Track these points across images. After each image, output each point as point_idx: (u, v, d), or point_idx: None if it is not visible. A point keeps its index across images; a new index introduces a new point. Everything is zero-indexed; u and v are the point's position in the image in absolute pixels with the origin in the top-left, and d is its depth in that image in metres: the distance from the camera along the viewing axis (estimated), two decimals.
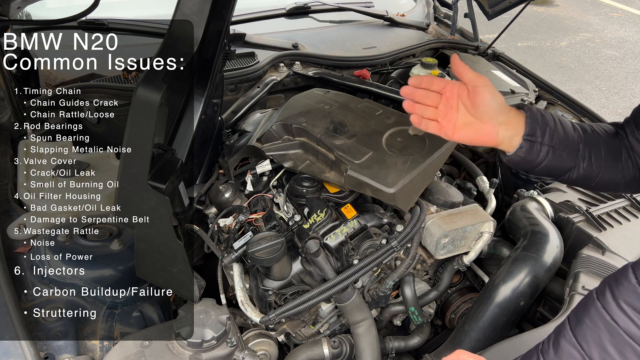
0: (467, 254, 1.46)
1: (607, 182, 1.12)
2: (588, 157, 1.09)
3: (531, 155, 1.05)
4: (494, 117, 1.04)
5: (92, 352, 1.16)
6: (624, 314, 0.75)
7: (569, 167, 1.09)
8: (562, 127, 1.08)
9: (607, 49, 6.50)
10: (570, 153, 1.08)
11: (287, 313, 1.28)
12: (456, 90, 1.07)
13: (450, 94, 1.07)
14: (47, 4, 2.33)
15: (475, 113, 1.05)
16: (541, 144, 1.05)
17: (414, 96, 1.11)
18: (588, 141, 1.10)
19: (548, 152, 1.06)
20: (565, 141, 1.07)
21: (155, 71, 1.02)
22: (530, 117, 1.06)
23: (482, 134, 1.05)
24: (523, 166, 1.09)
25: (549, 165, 1.07)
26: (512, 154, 1.06)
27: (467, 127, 1.06)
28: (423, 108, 1.10)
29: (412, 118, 1.11)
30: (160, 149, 1.29)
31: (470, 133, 1.06)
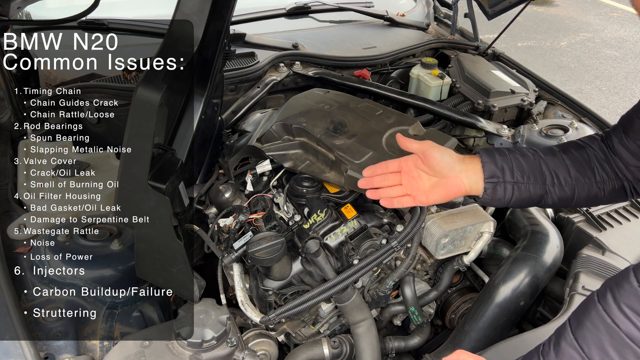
0: (467, 254, 1.46)
1: (586, 198, 1.16)
2: (557, 182, 1.13)
3: (497, 195, 1.12)
4: (452, 169, 1.13)
5: (92, 352, 1.16)
6: (624, 316, 0.75)
7: (540, 196, 1.14)
8: (522, 161, 1.13)
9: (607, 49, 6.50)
10: (536, 183, 1.13)
11: (287, 313, 1.28)
12: (411, 162, 1.16)
13: (408, 168, 1.17)
14: (47, 4, 2.33)
15: (436, 172, 1.14)
16: (504, 182, 1.12)
17: (372, 184, 1.20)
18: (552, 166, 1.14)
19: (513, 188, 1.12)
20: (527, 173, 1.12)
21: (155, 71, 1.02)
22: (486, 161, 1.12)
23: (450, 188, 1.14)
24: (495, 205, 1.16)
25: (519, 199, 1.13)
26: (481, 197, 1.13)
27: (435, 188, 1.15)
28: (388, 190, 1.19)
29: (382, 202, 1.20)
30: (160, 149, 1.29)
31: (441, 191, 1.15)
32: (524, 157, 1.14)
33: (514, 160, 1.13)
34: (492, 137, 1.97)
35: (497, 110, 2.06)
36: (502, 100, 2.08)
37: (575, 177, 1.13)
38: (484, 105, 2.07)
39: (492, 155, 1.13)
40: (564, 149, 1.17)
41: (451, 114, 1.97)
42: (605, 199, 1.16)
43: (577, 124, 1.92)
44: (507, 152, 1.15)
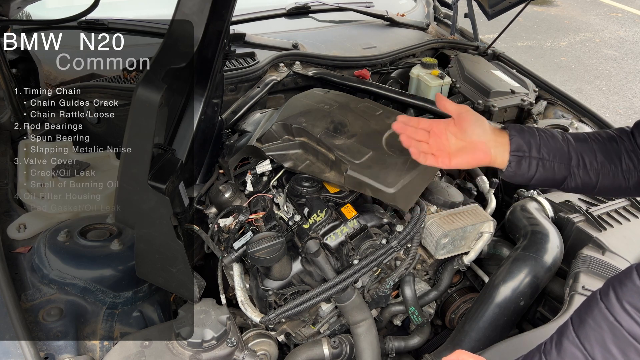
0: (467, 254, 1.46)
1: (609, 187, 1.14)
2: (582, 165, 1.12)
3: (521, 169, 1.12)
4: (482, 136, 1.12)
5: (92, 352, 1.16)
6: (627, 315, 0.75)
7: (564, 177, 1.13)
8: (549, 140, 1.13)
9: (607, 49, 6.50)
10: (562, 163, 1.12)
11: (287, 313, 1.28)
12: (443, 125, 1.16)
13: (438, 130, 1.16)
14: (47, 4, 2.33)
15: (465, 136, 1.13)
16: (530, 157, 1.11)
17: (405, 130, 1.20)
18: (580, 150, 1.13)
19: (538, 164, 1.11)
20: (554, 152, 1.12)
21: (155, 71, 1.02)
22: (514, 134, 1.12)
23: (476, 155, 1.13)
24: (518, 180, 1.15)
25: (543, 177, 1.13)
26: (505, 170, 1.13)
27: (461, 152, 1.14)
28: (418, 142, 1.18)
29: (411, 151, 1.19)
30: (160, 149, 1.29)
31: (465, 157, 1.14)
32: (552, 137, 1.13)
33: (542, 138, 1.12)
34: None
35: (497, 110, 2.06)
36: (502, 100, 2.08)
37: (602, 162, 1.12)
38: (484, 105, 2.07)
39: (520, 130, 1.13)
40: (593, 136, 1.16)
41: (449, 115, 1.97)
42: (630, 190, 1.15)
43: (577, 124, 1.92)
44: (536, 130, 1.14)
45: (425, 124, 1.18)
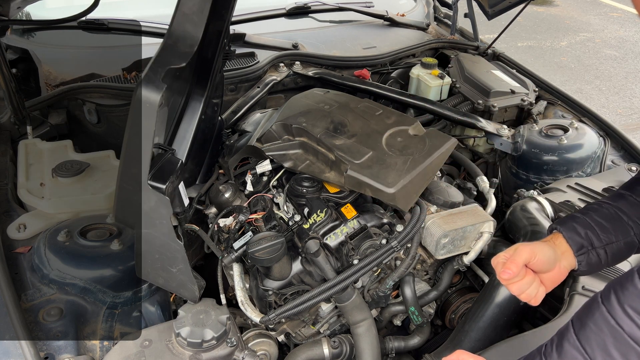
0: (467, 254, 1.46)
1: None
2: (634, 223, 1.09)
3: (593, 262, 1.08)
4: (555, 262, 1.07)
5: (92, 352, 1.16)
6: (628, 318, 0.75)
7: (634, 245, 1.09)
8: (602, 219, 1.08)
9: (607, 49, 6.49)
10: (626, 236, 1.08)
11: (287, 313, 1.28)
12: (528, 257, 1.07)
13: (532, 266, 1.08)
14: (47, 4, 2.33)
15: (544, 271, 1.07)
16: (594, 249, 1.07)
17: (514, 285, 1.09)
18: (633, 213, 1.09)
19: (605, 251, 1.08)
20: (613, 231, 1.08)
21: (155, 71, 1.02)
22: (568, 236, 1.07)
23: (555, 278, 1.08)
24: (597, 271, 1.11)
25: (615, 257, 1.09)
26: (579, 271, 1.09)
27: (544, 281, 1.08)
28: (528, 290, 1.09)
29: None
30: (160, 149, 1.29)
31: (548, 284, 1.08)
32: (602, 215, 1.10)
33: (594, 222, 1.09)
34: (492, 137, 1.97)
35: (497, 110, 2.06)
36: (502, 100, 2.08)
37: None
38: (484, 105, 2.07)
39: (571, 227, 1.09)
40: (631, 188, 1.13)
41: (451, 114, 1.97)
42: None
43: (577, 124, 1.92)
44: (583, 216, 1.10)
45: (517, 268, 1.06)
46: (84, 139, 1.97)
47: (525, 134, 1.90)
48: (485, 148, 2.10)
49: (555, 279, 1.09)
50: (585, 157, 1.83)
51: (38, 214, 1.43)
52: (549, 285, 1.09)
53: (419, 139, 1.46)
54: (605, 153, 1.89)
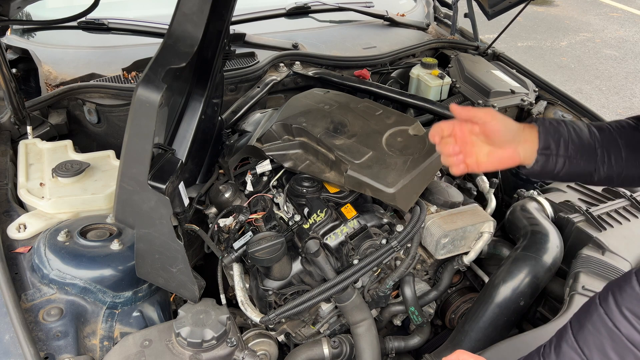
0: (467, 254, 1.46)
1: (631, 179, 1.13)
2: (607, 159, 1.10)
3: (548, 167, 1.08)
4: (511, 141, 1.07)
5: (92, 352, 1.16)
6: (626, 320, 0.75)
7: (589, 172, 1.10)
8: (578, 135, 1.09)
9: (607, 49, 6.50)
10: (588, 159, 1.09)
11: (287, 313, 1.28)
12: (466, 129, 1.09)
13: (462, 134, 1.10)
14: (47, 4, 2.33)
15: (494, 143, 1.08)
16: (557, 155, 1.07)
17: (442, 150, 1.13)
18: (606, 143, 1.10)
19: (565, 162, 1.08)
20: (581, 149, 1.08)
21: (155, 71, 1.02)
22: (543, 131, 1.07)
23: (504, 158, 1.08)
24: (543, 177, 1.11)
25: (568, 173, 1.09)
26: (530, 167, 1.08)
27: (489, 157, 1.09)
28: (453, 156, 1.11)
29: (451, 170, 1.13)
30: (160, 149, 1.29)
31: (494, 161, 1.09)
32: (580, 132, 1.09)
33: (570, 134, 1.08)
34: None
35: (497, 109, 2.06)
36: (502, 100, 2.08)
37: (626, 157, 1.10)
38: (484, 105, 2.07)
39: (549, 127, 1.08)
40: (617, 127, 1.13)
41: (451, 114, 1.97)
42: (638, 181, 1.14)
43: None
44: (565, 125, 1.10)
45: (448, 128, 1.11)
46: (84, 139, 1.97)
47: None
48: None
49: (503, 160, 1.08)
50: None
51: (38, 214, 1.43)
52: (491, 163, 1.09)
53: (419, 139, 1.46)
54: None
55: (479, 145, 1.10)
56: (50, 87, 1.95)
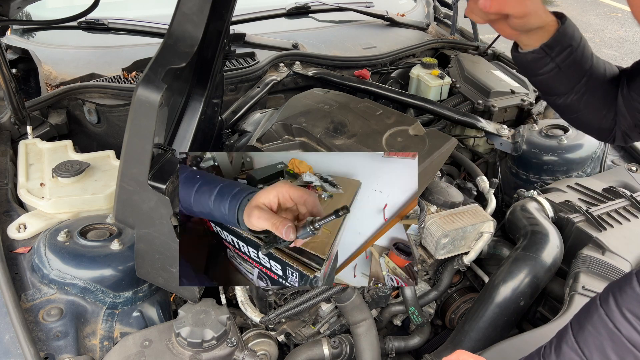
0: (467, 254, 1.46)
1: (583, 122, 1.16)
2: (582, 93, 1.10)
3: (537, 64, 1.06)
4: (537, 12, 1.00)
5: (92, 352, 1.16)
6: (626, 321, 0.75)
7: (560, 93, 1.11)
8: (581, 55, 1.07)
9: (607, 49, 6.50)
10: (570, 81, 1.09)
11: (287, 313, 1.28)
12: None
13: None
14: (47, 4, 2.33)
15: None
16: (552, 60, 1.05)
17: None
18: (593, 81, 1.10)
19: (552, 69, 1.06)
20: (573, 68, 1.07)
21: (155, 71, 1.02)
22: (559, 31, 1.03)
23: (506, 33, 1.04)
24: (526, 68, 1.10)
25: (545, 81, 1.09)
26: (523, 52, 1.06)
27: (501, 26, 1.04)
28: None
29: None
30: (160, 149, 1.29)
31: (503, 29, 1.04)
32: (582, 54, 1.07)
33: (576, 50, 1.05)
34: (492, 137, 1.97)
35: (497, 110, 2.06)
36: (502, 100, 2.08)
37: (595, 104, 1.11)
38: (484, 105, 2.07)
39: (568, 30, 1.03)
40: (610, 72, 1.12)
41: (451, 114, 1.97)
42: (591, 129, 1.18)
43: None
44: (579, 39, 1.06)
45: None
46: (84, 139, 1.97)
47: (525, 134, 1.90)
48: (485, 148, 2.10)
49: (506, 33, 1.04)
50: (585, 157, 1.83)
51: (38, 214, 1.43)
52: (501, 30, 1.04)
53: (419, 139, 1.46)
54: (605, 153, 1.89)
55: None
56: (50, 87, 1.95)
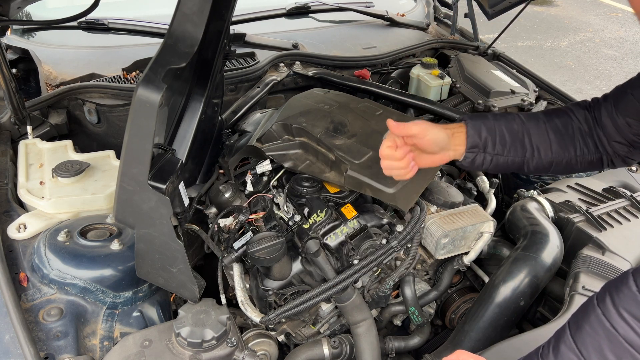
0: (467, 254, 1.46)
1: (562, 170, 1.22)
2: (537, 154, 1.18)
3: (476, 163, 1.18)
4: (442, 149, 1.17)
5: (92, 352, 1.16)
6: (623, 321, 0.75)
7: (518, 165, 1.19)
8: (507, 133, 1.17)
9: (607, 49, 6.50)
10: (516, 156, 1.18)
11: (287, 313, 1.28)
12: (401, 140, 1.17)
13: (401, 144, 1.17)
14: (47, 4, 2.33)
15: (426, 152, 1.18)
16: (484, 153, 1.17)
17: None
18: (535, 140, 1.17)
19: (492, 159, 1.17)
20: (509, 147, 1.17)
21: (155, 71, 1.02)
22: (471, 133, 1.16)
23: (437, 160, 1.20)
24: (474, 169, 1.26)
25: (497, 167, 1.20)
26: (460, 162, 1.19)
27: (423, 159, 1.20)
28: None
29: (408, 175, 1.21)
30: (160, 149, 1.29)
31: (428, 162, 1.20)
32: (508, 127, 1.17)
33: (499, 131, 1.17)
34: None
35: (497, 110, 2.06)
36: (502, 100, 2.08)
37: (556, 152, 1.18)
38: (484, 105, 2.07)
39: (477, 126, 1.17)
40: (549, 119, 1.19)
41: (451, 114, 1.97)
42: (580, 169, 1.22)
43: None
44: (494, 121, 1.18)
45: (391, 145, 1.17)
46: (84, 139, 1.97)
47: None
48: None
49: (434, 162, 1.20)
50: None
51: (38, 214, 1.43)
52: (422, 163, 1.19)
53: None
54: None
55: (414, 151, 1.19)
56: (50, 87, 1.95)
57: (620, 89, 1.15)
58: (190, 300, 1.22)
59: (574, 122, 1.18)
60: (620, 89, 1.15)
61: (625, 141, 1.14)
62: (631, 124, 1.12)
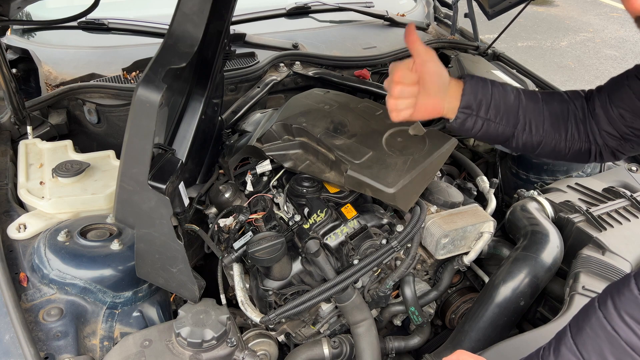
0: (467, 254, 1.46)
1: (549, 152, 1.19)
2: (528, 130, 1.15)
3: (466, 125, 1.14)
4: (439, 92, 1.11)
5: (92, 352, 1.16)
6: (625, 324, 0.75)
7: (507, 137, 1.16)
8: (501, 100, 1.13)
9: (607, 49, 6.50)
10: (507, 125, 1.15)
11: (287, 313, 1.28)
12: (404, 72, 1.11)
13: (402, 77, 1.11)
14: (47, 4, 2.33)
15: (424, 88, 1.11)
16: (476, 117, 1.13)
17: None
18: (530, 114, 1.15)
19: (483, 124, 1.14)
20: (502, 114, 1.14)
21: (155, 71, 1.02)
22: (467, 90, 1.12)
23: (429, 108, 1.13)
24: (461, 133, 1.18)
25: (485, 135, 1.16)
26: (450, 123, 1.15)
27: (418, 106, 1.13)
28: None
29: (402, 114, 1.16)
30: (160, 149, 1.29)
31: (421, 110, 1.13)
32: (505, 97, 1.15)
33: (494, 97, 1.14)
34: None
35: None
36: None
37: (547, 131, 1.16)
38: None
39: (475, 86, 1.14)
40: (547, 99, 1.18)
41: None
42: (566, 156, 1.20)
43: None
44: (491, 87, 1.15)
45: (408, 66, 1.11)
46: (84, 139, 1.97)
47: None
48: (485, 148, 2.10)
49: (428, 109, 1.13)
50: None
51: (38, 214, 1.43)
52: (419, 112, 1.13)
53: (419, 139, 1.46)
54: None
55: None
56: (50, 87, 1.95)
57: (616, 81, 1.15)
58: (190, 300, 1.22)
59: (570, 106, 1.18)
60: (616, 81, 1.15)
61: (617, 133, 1.14)
62: (625, 115, 1.12)
